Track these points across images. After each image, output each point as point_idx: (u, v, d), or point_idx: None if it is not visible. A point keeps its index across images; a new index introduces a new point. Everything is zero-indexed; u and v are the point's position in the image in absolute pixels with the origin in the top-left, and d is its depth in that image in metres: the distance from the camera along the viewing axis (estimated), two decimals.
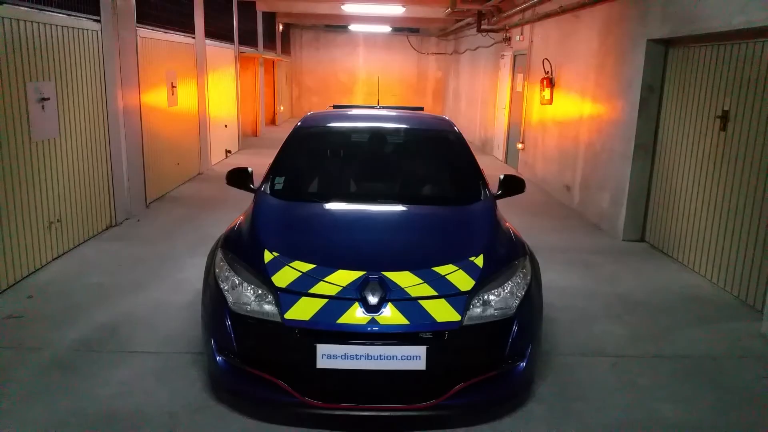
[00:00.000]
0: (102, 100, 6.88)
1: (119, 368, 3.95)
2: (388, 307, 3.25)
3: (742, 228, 5.41)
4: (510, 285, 3.49)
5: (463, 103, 18.46)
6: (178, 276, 5.61)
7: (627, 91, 7.13)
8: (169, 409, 3.53)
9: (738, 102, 5.50)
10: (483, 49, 14.98)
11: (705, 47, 6.02)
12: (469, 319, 3.29)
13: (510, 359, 3.44)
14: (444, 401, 3.27)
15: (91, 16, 6.62)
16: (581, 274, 6.00)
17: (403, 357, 3.19)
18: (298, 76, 23.21)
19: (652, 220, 7.04)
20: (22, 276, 5.40)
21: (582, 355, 4.32)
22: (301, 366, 3.24)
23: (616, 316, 5.00)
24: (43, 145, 5.71)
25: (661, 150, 6.83)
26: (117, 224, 7.27)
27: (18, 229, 5.32)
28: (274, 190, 4.50)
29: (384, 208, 4.34)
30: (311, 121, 5.27)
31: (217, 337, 3.46)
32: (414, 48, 22.27)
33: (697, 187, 6.12)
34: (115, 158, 7.18)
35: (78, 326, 4.52)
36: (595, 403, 3.72)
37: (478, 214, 4.28)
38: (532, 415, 3.58)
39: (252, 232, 3.88)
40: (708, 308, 5.25)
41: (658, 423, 3.55)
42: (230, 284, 3.46)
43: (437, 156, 5.09)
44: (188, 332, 4.44)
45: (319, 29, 22.62)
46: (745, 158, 5.39)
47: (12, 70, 5.18)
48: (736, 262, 5.47)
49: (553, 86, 9.84)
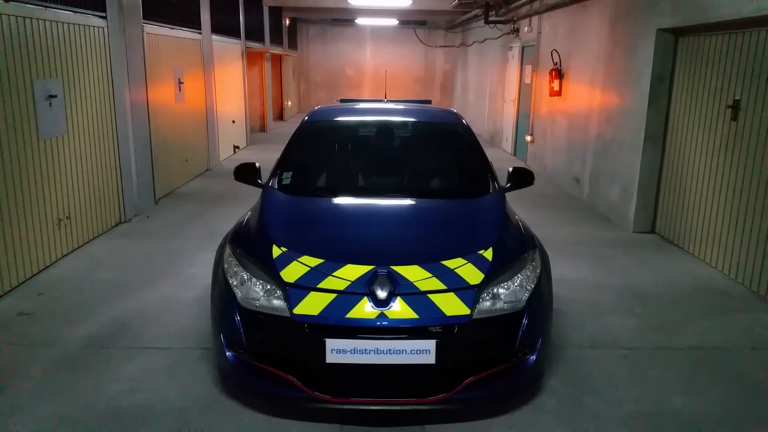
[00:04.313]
0: (109, 97, 6.89)
1: (129, 364, 3.96)
2: (397, 302, 3.23)
3: (754, 219, 5.35)
4: (520, 278, 3.46)
5: (471, 95, 18.39)
6: (187, 272, 5.62)
7: (637, 81, 7.07)
8: (179, 404, 3.53)
9: (749, 91, 5.43)
10: (491, 41, 14.89)
11: (715, 36, 5.95)
12: (479, 313, 3.27)
13: (520, 352, 3.42)
14: (454, 395, 3.25)
15: (98, 12, 6.62)
16: (591, 266, 5.96)
17: (413, 351, 3.18)
18: (305, 71, 23.19)
19: (662, 211, 6.98)
20: (32, 273, 5.42)
21: (592, 348, 4.29)
22: (311, 361, 3.23)
23: (626, 309, 4.97)
24: (51, 142, 5.72)
25: (672, 140, 6.76)
26: (126, 221, 7.29)
27: (27, 226, 5.35)
28: (281, 185, 4.49)
29: (392, 201, 4.33)
30: (318, 116, 5.25)
31: (227, 332, 3.46)
32: (421, 41, 22.19)
33: (708, 177, 6.06)
34: (123, 155, 7.20)
35: (88, 323, 4.54)
36: (606, 395, 3.70)
37: (487, 207, 4.26)
38: (542, 408, 3.56)
39: (260, 227, 3.88)
40: (719, 299, 5.21)
41: (669, 415, 3.52)
42: (239, 280, 3.46)
43: (445, 149, 5.07)
44: (198, 328, 4.45)
45: (325, 23, 22.58)
46: (756, 148, 5.33)
47: (19, 68, 5.19)
48: (748, 253, 5.42)
49: (561, 77, 9.77)
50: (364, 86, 22.97)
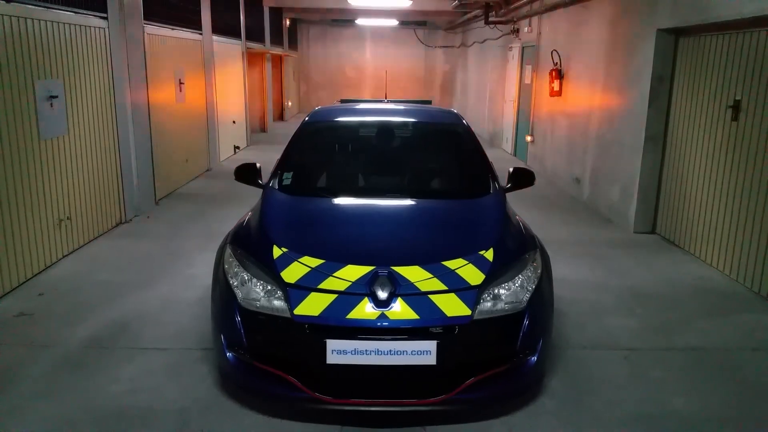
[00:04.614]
0: (110, 98, 6.89)
1: (129, 365, 3.96)
2: (398, 302, 3.23)
3: (755, 219, 5.35)
4: (520, 279, 3.46)
5: (471, 96, 18.38)
6: (187, 272, 5.62)
7: (637, 81, 7.07)
8: (180, 405, 3.53)
9: (750, 91, 5.42)
10: (491, 41, 14.89)
11: (716, 36, 5.94)
12: (480, 314, 3.27)
13: (521, 353, 3.41)
14: (454, 396, 3.25)
15: (98, 13, 6.62)
16: (592, 267, 5.96)
17: (414, 352, 3.17)
18: (306, 72, 23.19)
19: (663, 212, 6.98)
20: (33, 274, 5.42)
21: (593, 349, 4.29)
22: (311, 361, 3.23)
23: (627, 309, 4.97)
24: (52, 143, 5.72)
25: (672, 141, 6.76)
26: (127, 221, 7.29)
27: (28, 227, 5.35)
28: (282, 185, 4.49)
29: (393, 202, 4.32)
30: (319, 116, 5.25)
31: (227, 333, 3.45)
32: (421, 41, 22.19)
33: (709, 178, 6.06)
34: (124, 155, 7.20)
35: (88, 323, 4.54)
36: (607, 396, 3.69)
37: (487, 207, 4.25)
38: (543, 409, 3.56)
39: (260, 227, 3.87)
40: (720, 300, 5.20)
41: (670, 416, 3.52)
42: (239, 280, 3.45)
43: (446, 149, 5.06)
44: (198, 328, 4.44)
45: (325, 24, 22.58)
46: (757, 148, 5.33)
47: (20, 69, 5.19)
48: (749, 254, 5.42)
49: (561, 78, 9.77)
50: (365, 87, 22.96)
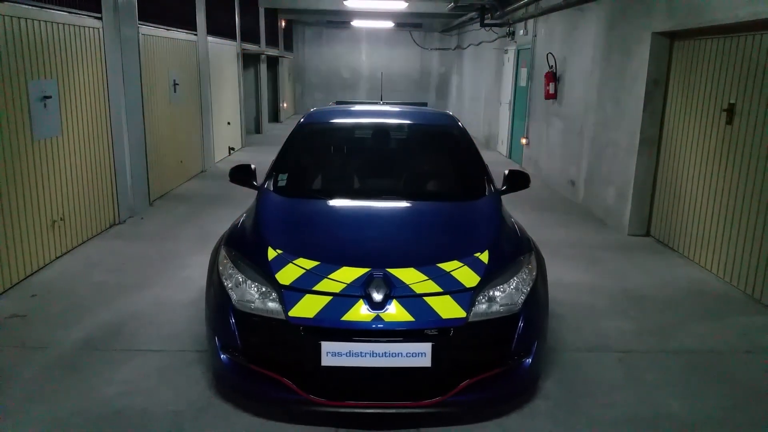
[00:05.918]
0: (104, 98, 6.87)
1: (123, 367, 3.94)
2: (393, 304, 3.22)
3: (749, 222, 5.37)
4: (515, 281, 3.46)
5: (467, 98, 18.40)
6: (182, 274, 5.60)
7: (632, 84, 7.09)
8: (174, 407, 3.51)
9: (744, 95, 5.44)
10: (486, 44, 14.91)
11: (711, 40, 5.96)
12: (475, 316, 3.26)
13: (516, 355, 3.41)
14: (449, 398, 3.25)
15: (93, 13, 6.60)
16: (587, 269, 5.97)
17: (409, 354, 3.17)
18: (301, 73, 23.17)
19: (657, 214, 7.00)
20: (26, 275, 5.39)
21: (588, 351, 4.29)
22: (306, 363, 3.22)
23: (622, 312, 4.97)
24: (46, 143, 5.69)
25: (667, 144, 6.78)
26: (120, 222, 7.26)
27: (21, 227, 5.32)
28: (277, 187, 4.48)
29: (388, 204, 4.31)
30: (314, 118, 5.24)
31: (221, 334, 3.44)
32: (417, 43, 22.21)
33: (703, 181, 6.07)
34: (118, 156, 7.17)
35: (82, 325, 4.51)
36: (602, 398, 3.70)
37: (483, 209, 4.25)
38: (538, 411, 3.55)
39: (255, 229, 3.86)
40: (714, 303, 5.21)
41: (665, 418, 3.52)
42: (234, 282, 3.44)
43: (441, 152, 5.06)
44: (192, 330, 4.42)
45: (321, 25, 22.57)
46: (751, 152, 5.35)
47: (13, 69, 5.16)
48: (743, 256, 5.43)
49: (557, 81, 9.79)
50: (360, 88, 22.96)
